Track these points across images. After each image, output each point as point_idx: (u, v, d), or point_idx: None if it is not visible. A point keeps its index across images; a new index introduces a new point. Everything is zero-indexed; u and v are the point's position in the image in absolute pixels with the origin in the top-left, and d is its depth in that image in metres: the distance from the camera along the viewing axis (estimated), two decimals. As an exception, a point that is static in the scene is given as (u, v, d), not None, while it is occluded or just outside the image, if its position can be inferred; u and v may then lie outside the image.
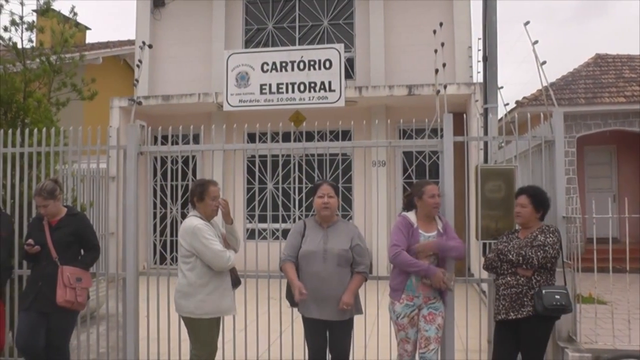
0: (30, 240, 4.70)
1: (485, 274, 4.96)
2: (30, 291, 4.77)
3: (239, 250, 4.62)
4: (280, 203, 8.08)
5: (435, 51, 6.09)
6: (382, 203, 10.83)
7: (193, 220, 4.34)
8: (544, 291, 4.14)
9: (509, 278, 4.28)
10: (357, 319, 4.37)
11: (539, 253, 4.18)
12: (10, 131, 5.58)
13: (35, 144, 5.48)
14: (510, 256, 4.26)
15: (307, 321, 4.30)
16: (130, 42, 15.93)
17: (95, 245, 4.94)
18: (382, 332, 5.12)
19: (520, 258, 4.21)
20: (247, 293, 5.00)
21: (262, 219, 10.81)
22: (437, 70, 5.79)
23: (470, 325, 5.15)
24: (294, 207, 5.63)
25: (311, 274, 4.18)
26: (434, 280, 4.24)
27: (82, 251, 4.91)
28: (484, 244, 5.25)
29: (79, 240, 4.84)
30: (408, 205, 4.55)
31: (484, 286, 6.40)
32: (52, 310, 4.63)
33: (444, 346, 4.63)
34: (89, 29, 16.33)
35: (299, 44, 12.21)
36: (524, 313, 4.18)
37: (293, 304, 4.35)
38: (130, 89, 13.88)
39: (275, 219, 10.08)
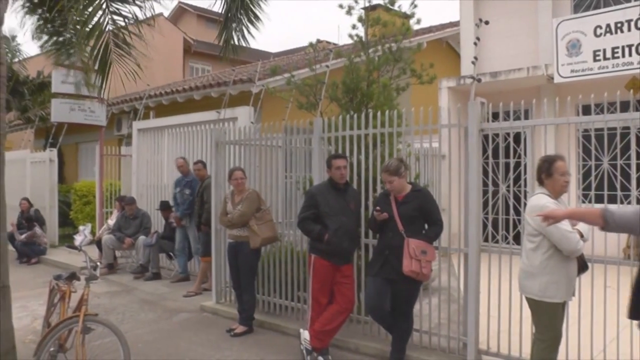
0: (378, 207, 5.11)
1: None
2: (378, 259, 5.20)
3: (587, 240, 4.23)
4: (617, 182, 7.25)
5: None
6: None
7: (541, 199, 4.12)
8: None
9: None
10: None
11: None
12: (355, 115, 6.14)
13: (378, 125, 5.94)
14: None
15: None
16: (452, 25, 16.09)
17: (439, 220, 5.13)
18: None
19: None
20: (594, 279, 4.62)
21: (598, 199, 9.85)
22: None
23: None
24: (633, 186, 5.01)
25: None
26: None
27: (425, 226, 5.16)
28: None
29: (423, 215, 5.08)
30: None
31: None
32: (397, 278, 4.98)
33: None
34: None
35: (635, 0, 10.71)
36: None
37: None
38: (453, 70, 14.06)
39: (611, 200, 9.10)
